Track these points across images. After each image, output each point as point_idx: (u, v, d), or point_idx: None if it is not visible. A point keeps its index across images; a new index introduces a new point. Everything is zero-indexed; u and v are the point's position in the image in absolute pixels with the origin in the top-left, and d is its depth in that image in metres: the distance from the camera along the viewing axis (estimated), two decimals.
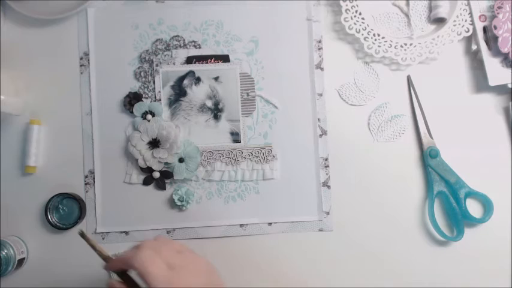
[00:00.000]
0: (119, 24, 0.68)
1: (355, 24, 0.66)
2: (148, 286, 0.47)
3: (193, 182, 0.66)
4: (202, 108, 0.67)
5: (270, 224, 0.66)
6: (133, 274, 0.50)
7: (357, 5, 0.66)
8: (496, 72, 0.65)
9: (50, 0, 0.67)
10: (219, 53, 0.67)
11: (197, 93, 0.67)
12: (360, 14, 0.66)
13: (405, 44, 0.66)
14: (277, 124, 0.67)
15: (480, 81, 0.68)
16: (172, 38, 0.67)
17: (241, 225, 0.66)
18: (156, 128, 0.66)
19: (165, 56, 0.67)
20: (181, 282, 0.48)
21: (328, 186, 0.66)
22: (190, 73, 0.67)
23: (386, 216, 0.66)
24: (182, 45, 0.67)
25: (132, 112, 0.66)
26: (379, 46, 0.66)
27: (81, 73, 0.67)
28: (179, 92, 0.67)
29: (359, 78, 0.68)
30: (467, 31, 0.66)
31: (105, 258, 0.52)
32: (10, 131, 0.66)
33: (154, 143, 0.66)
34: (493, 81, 0.65)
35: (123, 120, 0.67)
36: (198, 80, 0.67)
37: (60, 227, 0.64)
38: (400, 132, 0.67)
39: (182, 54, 0.67)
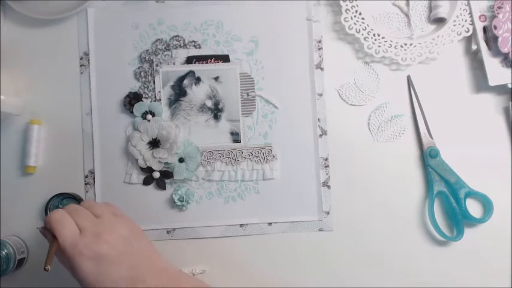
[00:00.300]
0: (119, 24, 0.68)
1: (355, 24, 0.66)
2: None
3: (193, 182, 0.66)
4: (202, 108, 0.67)
5: (270, 224, 0.66)
6: None
7: (357, 5, 0.66)
8: (496, 72, 0.65)
9: (50, 0, 0.67)
10: (219, 53, 0.67)
11: (197, 93, 0.67)
12: (360, 14, 0.66)
13: (405, 44, 0.66)
14: (277, 124, 0.67)
15: (480, 81, 0.68)
16: (172, 38, 0.67)
17: (241, 225, 0.66)
18: (156, 128, 0.66)
19: (165, 56, 0.67)
20: (88, 246, 0.49)
21: (328, 186, 0.66)
22: (190, 73, 0.67)
23: (386, 216, 0.66)
24: (182, 45, 0.67)
25: (132, 112, 0.66)
26: (379, 46, 0.66)
27: (81, 73, 0.67)
28: (179, 92, 0.67)
29: (359, 78, 0.68)
30: (467, 31, 0.66)
31: None
32: (10, 131, 0.66)
33: (154, 143, 0.66)
34: (493, 81, 0.65)
35: (123, 120, 0.67)
36: (198, 80, 0.67)
37: None
38: (400, 132, 0.67)
39: (182, 54, 0.67)
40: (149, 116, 0.66)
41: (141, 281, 0.49)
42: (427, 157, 0.66)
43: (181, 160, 0.66)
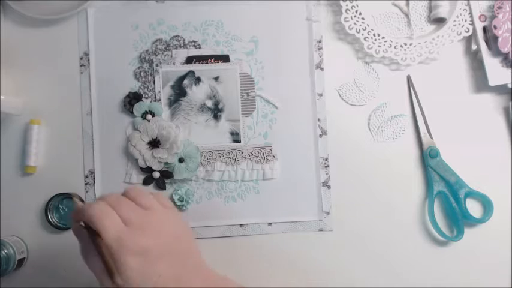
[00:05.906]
0: (119, 24, 0.68)
1: (355, 24, 0.66)
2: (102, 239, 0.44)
3: (193, 182, 0.66)
4: (202, 108, 0.67)
5: (270, 224, 0.66)
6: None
7: (357, 5, 0.66)
8: (496, 72, 0.65)
9: (50, 0, 0.67)
10: (219, 53, 0.67)
11: (197, 93, 0.67)
12: (360, 14, 0.66)
13: (405, 44, 0.66)
14: (277, 124, 0.67)
15: (480, 81, 0.68)
16: (172, 38, 0.67)
17: (241, 225, 0.66)
18: (156, 128, 0.66)
19: (165, 56, 0.67)
20: (133, 240, 0.44)
21: (328, 186, 0.66)
22: (190, 73, 0.67)
23: (386, 216, 0.66)
24: (182, 45, 0.67)
25: (132, 112, 0.66)
26: (379, 46, 0.66)
27: (81, 73, 0.67)
28: (179, 92, 0.67)
29: (359, 78, 0.68)
30: (467, 31, 0.66)
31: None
32: (10, 131, 0.66)
33: (154, 143, 0.66)
34: (493, 81, 0.65)
35: (123, 120, 0.67)
36: (198, 80, 0.67)
37: (60, 227, 0.64)
38: (400, 132, 0.67)
39: (182, 54, 0.67)
40: (149, 116, 0.66)
41: (187, 282, 0.45)
42: (427, 157, 0.66)
43: (181, 160, 0.66)
